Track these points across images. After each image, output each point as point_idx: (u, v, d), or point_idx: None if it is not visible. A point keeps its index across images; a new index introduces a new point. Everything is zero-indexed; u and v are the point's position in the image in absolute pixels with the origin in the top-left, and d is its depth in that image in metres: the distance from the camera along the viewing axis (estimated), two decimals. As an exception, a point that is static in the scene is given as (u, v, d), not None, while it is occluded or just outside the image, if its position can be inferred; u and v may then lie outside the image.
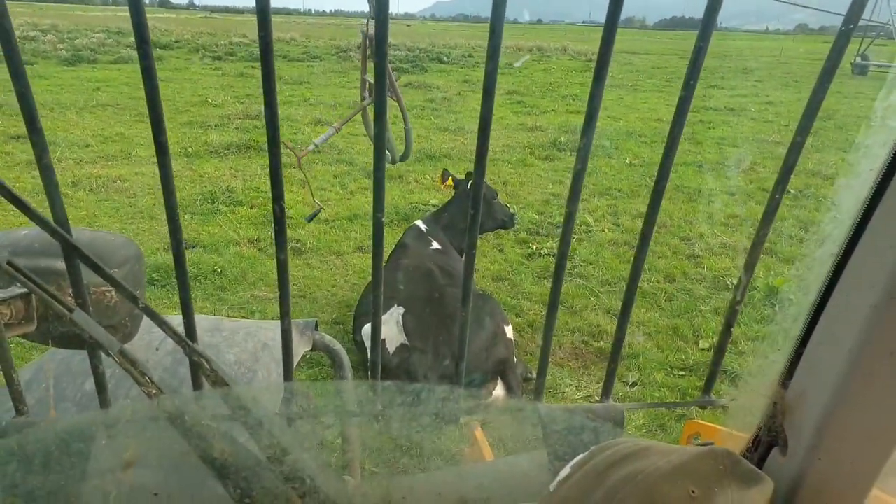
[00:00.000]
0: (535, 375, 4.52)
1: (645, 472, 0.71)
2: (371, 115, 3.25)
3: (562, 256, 1.20)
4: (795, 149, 1.06)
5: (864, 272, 0.75)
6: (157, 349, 1.83)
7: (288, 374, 1.25)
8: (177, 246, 1.13)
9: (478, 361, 3.71)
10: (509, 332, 3.98)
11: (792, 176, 1.15)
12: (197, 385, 1.20)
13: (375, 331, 1.26)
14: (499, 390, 3.78)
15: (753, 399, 0.94)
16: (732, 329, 1.25)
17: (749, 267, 1.17)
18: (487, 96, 1.01)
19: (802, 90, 18.97)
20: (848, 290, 0.77)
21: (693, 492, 0.70)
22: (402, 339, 3.83)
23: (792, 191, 8.76)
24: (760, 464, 0.92)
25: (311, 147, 3.18)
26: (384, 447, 1.14)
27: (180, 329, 1.08)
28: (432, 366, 3.66)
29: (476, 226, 1.16)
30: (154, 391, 0.96)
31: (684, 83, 1.04)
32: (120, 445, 1.01)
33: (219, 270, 5.85)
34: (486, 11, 0.96)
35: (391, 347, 3.85)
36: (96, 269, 0.99)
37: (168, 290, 5.36)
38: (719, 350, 1.25)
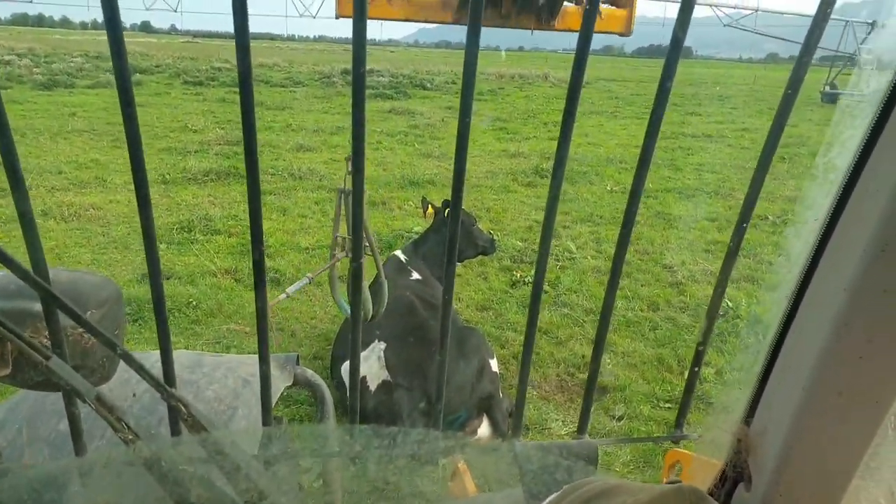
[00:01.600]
0: (519, 410, 4.41)
1: None
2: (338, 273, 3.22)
3: (535, 301, 1.19)
4: (755, 186, 1.08)
5: (814, 313, 0.77)
6: (133, 395, 1.79)
7: (266, 419, 1.23)
8: (157, 293, 1.11)
9: (462, 397, 3.59)
10: (494, 365, 3.87)
11: (771, 202, 1.11)
12: (175, 430, 1.18)
13: (354, 373, 1.23)
14: (484, 427, 3.67)
15: (720, 435, 0.96)
16: (698, 370, 1.27)
17: (711, 313, 1.18)
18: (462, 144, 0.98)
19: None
20: (801, 330, 0.80)
21: None
22: (385, 375, 3.70)
23: (770, 217, 8.81)
24: (727, 499, 0.94)
25: (283, 296, 3.21)
26: (363, 490, 1.12)
27: (159, 368, 1.07)
28: (416, 403, 3.54)
29: (452, 271, 1.10)
30: (130, 437, 0.95)
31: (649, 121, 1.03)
32: (94, 493, 0.98)
33: (193, 303, 5.69)
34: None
35: (373, 385, 3.71)
36: (75, 317, 0.98)
37: (140, 325, 5.19)
38: (688, 388, 1.28)
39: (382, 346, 3.82)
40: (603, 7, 3.60)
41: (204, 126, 14.20)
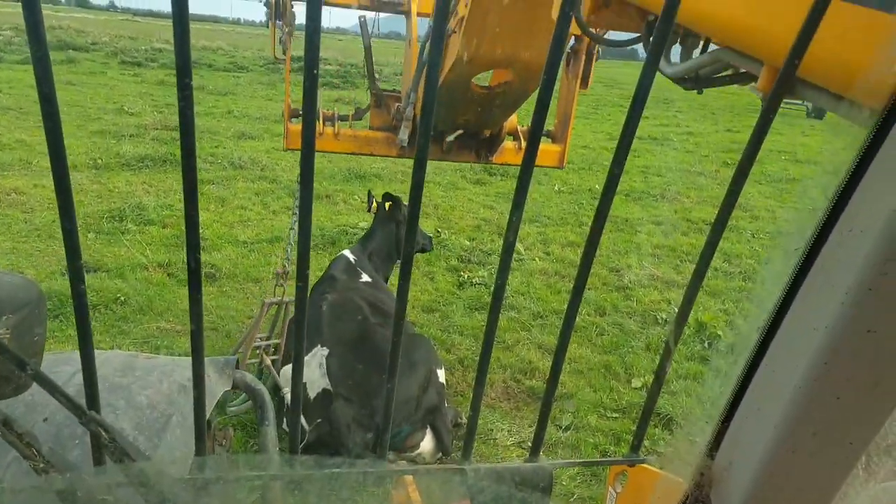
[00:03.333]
0: (464, 420, 4.26)
1: None
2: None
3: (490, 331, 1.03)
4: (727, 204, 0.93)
5: (789, 351, 0.75)
6: (45, 420, 1.64)
7: (200, 447, 1.08)
8: (80, 302, 0.92)
9: (407, 411, 3.42)
10: (441, 376, 3.71)
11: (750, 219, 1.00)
12: (97, 459, 1.05)
13: (295, 399, 1.06)
14: (427, 441, 3.50)
15: (680, 463, 0.95)
16: (656, 396, 1.15)
17: (674, 339, 1.07)
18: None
19: (719, 122, 19.74)
20: (773, 367, 0.77)
21: None
22: (325, 383, 3.49)
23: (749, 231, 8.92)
24: None
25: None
26: None
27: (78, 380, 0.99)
28: (357, 416, 3.34)
29: (405, 288, 0.95)
30: (42, 465, 0.88)
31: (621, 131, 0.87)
32: None
33: (122, 299, 5.33)
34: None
35: (312, 392, 3.50)
36: None
37: (62, 322, 4.83)
38: (645, 412, 1.17)
39: (325, 352, 3.61)
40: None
41: (141, 109, 13.55)
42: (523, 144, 3.88)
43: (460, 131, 3.76)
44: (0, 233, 6.49)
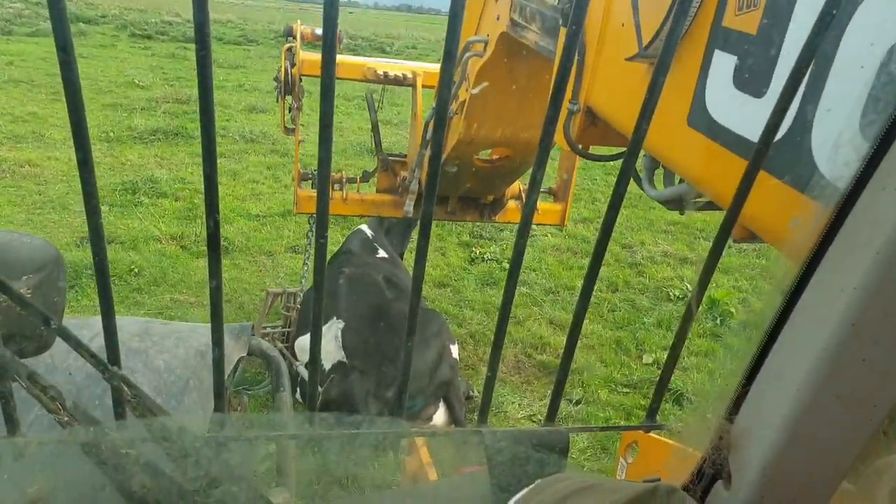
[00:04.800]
0: (476, 393, 4.29)
1: None
2: None
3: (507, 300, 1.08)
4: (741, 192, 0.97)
5: (813, 313, 0.74)
6: (70, 373, 1.69)
7: (219, 405, 1.12)
8: (100, 260, 0.95)
9: (420, 384, 3.44)
10: (455, 351, 3.73)
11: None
12: (119, 412, 1.08)
13: (314, 360, 1.09)
14: (440, 414, 3.53)
15: (699, 430, 0.95)
16: (674, 362, 1.18)
17: (693, 304, 1.07)
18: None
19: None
20: (797, 330, 0.77)
21: None
22: (340, 355, 3.52)
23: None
24: (704, 496, 0.91)
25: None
26: (320, 477, 1.11)
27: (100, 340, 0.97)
28: (372, 388, 3.37)
29: (423, 256, 0.97)
30: (66, 419, 0.89)
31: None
32: (25, 479, 0.94)
33: (136, 270, 5.37)
34: (430, 2, 0.76)
35: (327, 364, 3.53)
36: (2, 288, 0.89)
37: (78, 293, 4.87)
38: (662, 378, 1.21)
39: (340, 325, 3.63)
40: (541, 203, 4.00)
41: (152, 82, 13.50)
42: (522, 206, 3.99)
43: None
44: (15, 204, 6.54)
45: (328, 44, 0.80)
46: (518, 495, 0.80)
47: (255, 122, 10.99)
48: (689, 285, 6.05)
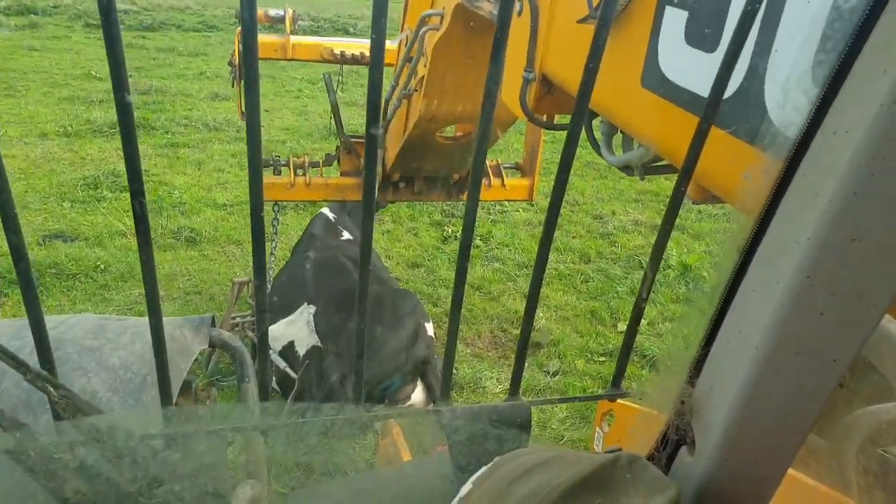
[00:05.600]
0: (454, 371, 4.29)
1: (549, 485, 0.68)
2: None
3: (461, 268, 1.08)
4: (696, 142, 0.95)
5: (769, 268, 0.73)
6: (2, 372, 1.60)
7: (166, 397, 1.07)
8: (16, 248, 0.88)
9: (397, 364, 3.43)
10: (430, 329, 3.72)
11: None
12: (56, 414, 1.03)
13: (263, 349, 1.07)
14: (418, 393, 3.52)
15: (662, 395, 0.92)
16: (638, 326, 1.19)
17: (652, 267, 1.08)
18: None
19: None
20: (754, 286, 0.75)
21: None
22: (314, 340, 3.49)
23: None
24: (669, 463, 0.90)
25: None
26: (285, 465, 1.15)
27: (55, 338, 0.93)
28: (347, 371, 3.35)
29: (370, 224, 0.97)
30: None
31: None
32: None
33: (102, 266, 5.26)
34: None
35: (301, 350, 3.50)
36: None
37: (41, 292, 4.76)
38: (626, 344, 1.22)
39: (312, 310, 3.60)
40: (509, 179, 4.05)
41: (109, 73, 13.17)
42: (493, 181, 4.01)
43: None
44: (-28, 205, 6.34)
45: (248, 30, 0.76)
46: (476, 474, 0.77)
47: (218, 109, 10.77)
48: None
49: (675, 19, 1.16)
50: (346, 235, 4.55)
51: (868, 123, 0.59)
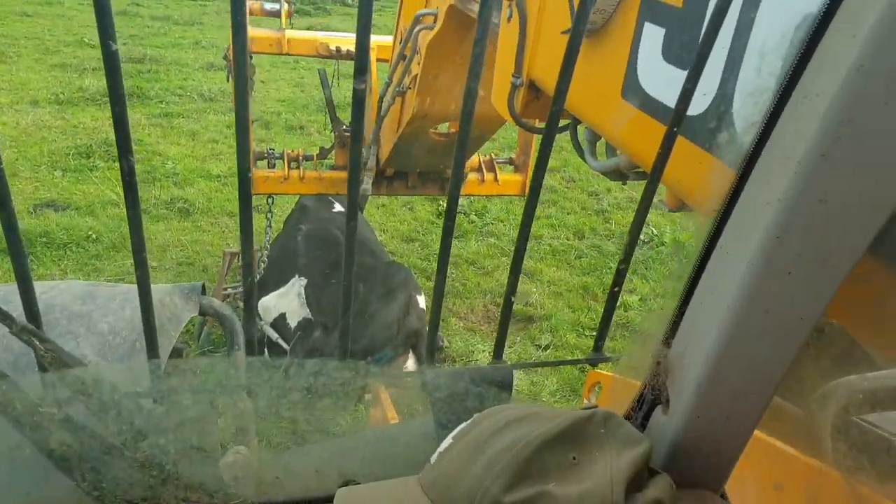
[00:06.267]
0: (446, 343, 4.32)
1: (526, 439, 0.70)
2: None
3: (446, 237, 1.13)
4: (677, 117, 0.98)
5: (739, 230, 0.74)
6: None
7: (152, 350, 1.12)
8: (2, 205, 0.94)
9: (389, 335, 3.45)
10: (422, 301, 3.73)
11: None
12: (41, 368, 1.06)
13: (249, 307, 1.12)
14: (410, 364, 3.55)
15: (639, 357, 0.96)
16: (618, 290, 1.25)
17: (633, 232, 1.14)
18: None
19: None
20: (726, 247, 0.77)
21: (574, 458, 0.70)
22: (305, 312, 3.50)
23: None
24: (645, 422, 0.92)
25: None
26: (268, 425, 1.11)
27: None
28: (339, 342, 3.36)
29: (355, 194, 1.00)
30: None
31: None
32: None
33: (94, 236, 5.24)
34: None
35: (292, 322, 3.51)
36: None
37: (32, 261, 4.74)
38: (608, 309, 1.28)
39: (303, 282, 3.61)
40: (502, 174, 4.04)
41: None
42: (486, 176, 3.99)
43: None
44: (-37, 173, 6.29)
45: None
46: (456, 430, 0.79)
47: (213, 80, 10.65)
48: (654, 229, 6.11)
49: (654, 35, 1.21)
50: (337, 208, 4.55)
51: (836, 88, 0.61)
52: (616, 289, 1.22)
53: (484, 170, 4.02)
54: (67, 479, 0.86)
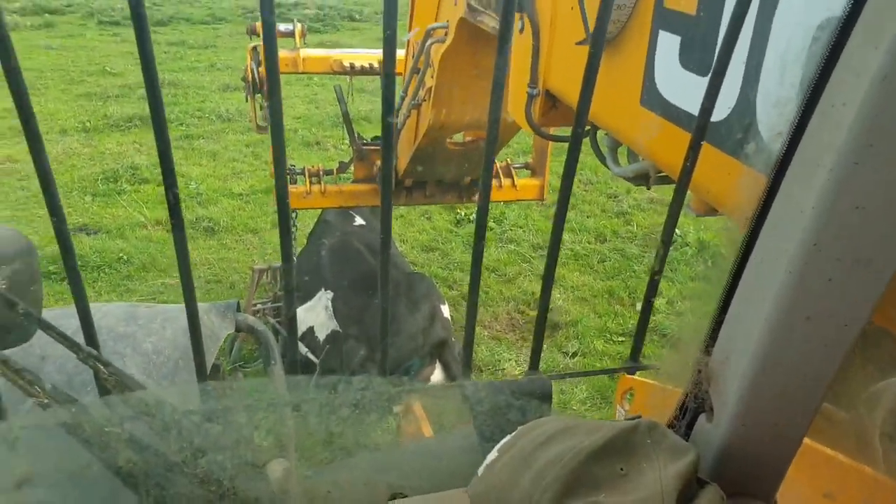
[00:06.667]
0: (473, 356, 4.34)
1: (573, 451, 0.70)
2: None
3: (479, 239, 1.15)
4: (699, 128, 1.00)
5: (774, 238, 0.74)
6: (42, 357, 1.68)
7: (201, 372, 1.17)
8: (63, 238, 1.02)
9: (415, 345, 3.48)
10: (446, 311, 3.76)
11: None
12: (103, 391, 1.11)
13: (291, 329, 1.19)
14: (437, 374, 3.57)
15: (678, 365, 0.95)
16: (653, 300, 1.26)
17: (665, 240, 1.17)
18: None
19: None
20: (763, 255, 0.77)
21: (621, 469, 0.70)
22: (333, 325, 3.55)
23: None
24: (688, 431, 0.91)
25: None
26: (313, 440, 1.13)
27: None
28: (367, 353, 3.41)
29: (388, 209, 1.04)
30: (46, 401, 0.91)
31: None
32: (17, 459, 0.94)
33: (125, 258, 5.36)
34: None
35: (321, 335, 3.56)
36: None
37: (65, 283, 4.86)
38: (642, 320, 1.27)
39: (329, 295, 3.66)
40: (519, 179, 4.07)
41: (124, 69, 13.24)
42: (503, 182, 4.02)
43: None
44: (-3, 202, 6.48)
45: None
46: (501, 442, 0.80)
47: (230, 100, 10.83)
48: (678, 230, 6.08)
49: (669, 43, 1.22)
50: (359, 221, 4.61)
51: (861, 97, 0.61)
52: (651, 298, 1.22)
53: (501, 175, 4.05)
54: (133, 496, 0.89)
